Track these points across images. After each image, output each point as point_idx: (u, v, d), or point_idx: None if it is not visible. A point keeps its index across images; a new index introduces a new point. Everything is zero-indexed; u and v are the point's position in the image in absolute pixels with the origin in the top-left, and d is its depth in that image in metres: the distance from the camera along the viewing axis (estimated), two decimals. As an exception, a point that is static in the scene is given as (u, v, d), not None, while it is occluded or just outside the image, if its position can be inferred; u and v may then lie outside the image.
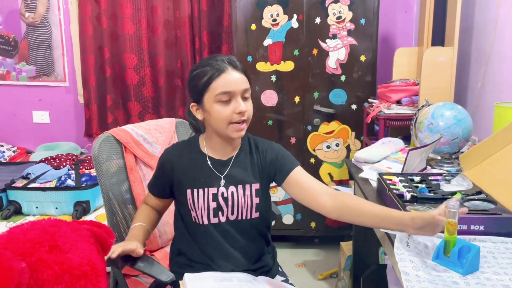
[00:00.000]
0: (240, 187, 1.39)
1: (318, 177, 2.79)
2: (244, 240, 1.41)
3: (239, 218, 1.40)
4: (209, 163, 1.39)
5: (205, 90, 1.30)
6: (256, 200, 1.40)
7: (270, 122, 2.72)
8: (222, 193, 1.38)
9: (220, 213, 1.38)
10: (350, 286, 2.19)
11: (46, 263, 0.81)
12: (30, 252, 0.81)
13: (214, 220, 1.38)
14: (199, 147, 1.42)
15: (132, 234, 1.40)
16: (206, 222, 1.38)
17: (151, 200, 1.50)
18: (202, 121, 1.38)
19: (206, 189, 1.37)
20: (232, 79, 1.29)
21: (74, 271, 0.83)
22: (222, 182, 1.39)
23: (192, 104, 1.36)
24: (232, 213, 1.39)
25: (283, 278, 1.52)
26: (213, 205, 1.37)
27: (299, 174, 1.38)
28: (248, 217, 1.40)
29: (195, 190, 1.37)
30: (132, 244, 1.31)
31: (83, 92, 3.16)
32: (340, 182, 2.78)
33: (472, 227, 1.20)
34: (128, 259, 1.31)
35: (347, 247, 2.34)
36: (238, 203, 1.38)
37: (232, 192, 1.38)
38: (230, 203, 1.38)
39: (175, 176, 1.40)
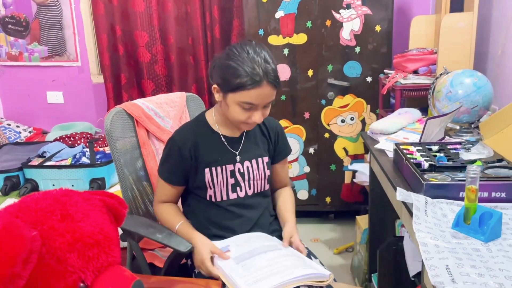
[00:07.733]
0: (253, 161, 1.45)
1: (333, 152, 2.75)
2: (258, 212, 1.46)
3: (255, 191, 1.46)
4: (223, 140, 1.42)
5: (233, 91, 1.29)
6: (267, 172, 1.48)
7: (283, 97, 2.67)
8: (239, 169, 1.43)
9: (238, 188, 1.43)
10: (366, 259, 2.17)
11: (58, 231, 0.80)
12: (41, 220, 0.80)
13: (233, 196, 1.42)
14: (209, 125, 1.44)
15: (187, 231, 1.37)
16: (225, 198, 1.42)
17: (167, 192, 1.46)
18: (218, 101, 1.38)
19: (224, 167, 1.41)
20: (262, 95, 1.28)
21: (86, 240, 0.83)
22: (238, 158, 1.43)
23: (215, 86, 1.35)
24: (249, 187, 1.44)
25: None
26: (231, 181, 1.42)
27: (286, 161, 1.57)
28: (262, 189, 1.48)
29: (213, 169, 1.40)
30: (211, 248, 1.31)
31: (101, 71, 3.15)
32: (355, 157, 2.74)
33: (493, 194, 1.16)
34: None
35: (362, 220, 2.31)
36: (254, 177, 1.44)
37: (247, 167, 1.44)
38: (246, 177, 1.43)
39: (193, 158, 1.40)
